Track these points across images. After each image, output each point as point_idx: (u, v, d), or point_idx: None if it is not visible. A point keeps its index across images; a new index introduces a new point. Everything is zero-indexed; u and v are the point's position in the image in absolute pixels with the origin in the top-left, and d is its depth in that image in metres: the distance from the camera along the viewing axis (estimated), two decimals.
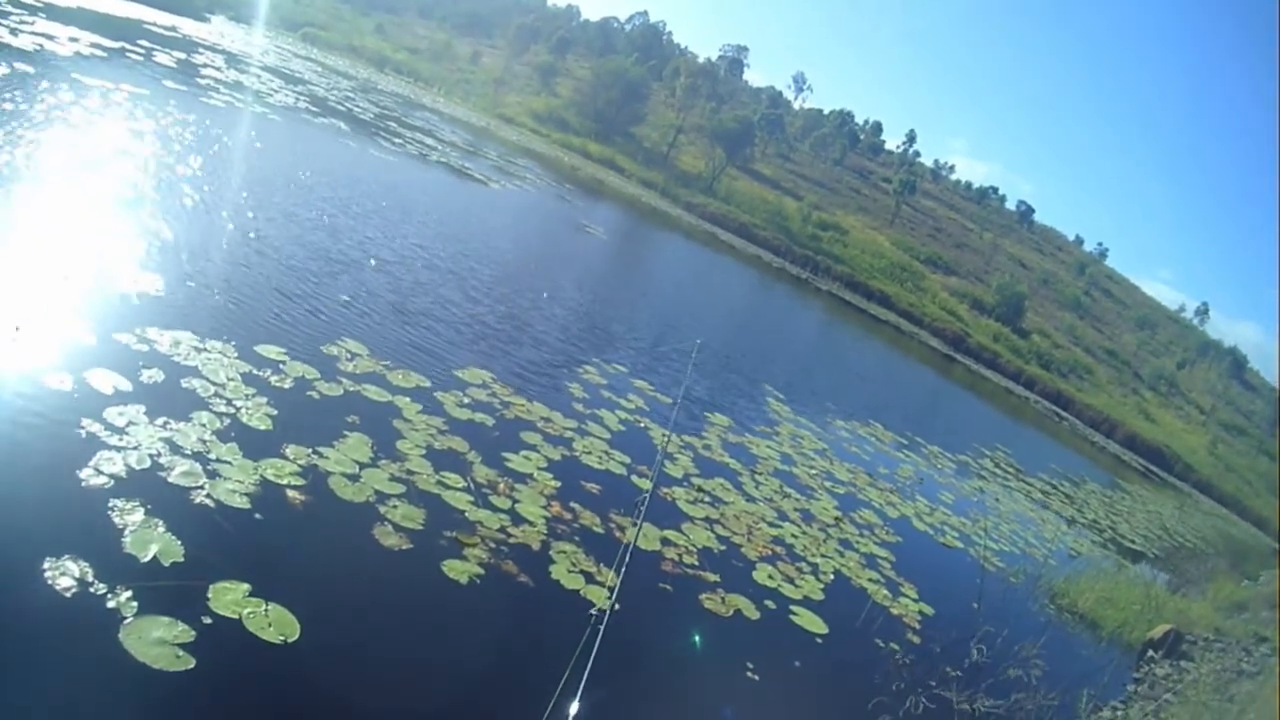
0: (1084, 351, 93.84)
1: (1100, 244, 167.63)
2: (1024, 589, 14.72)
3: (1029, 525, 20.32)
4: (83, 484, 5.95)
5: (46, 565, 5.10)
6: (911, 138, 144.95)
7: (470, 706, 5.97)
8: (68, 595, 4.98)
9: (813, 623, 9.53)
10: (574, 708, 5.89)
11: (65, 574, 5.10)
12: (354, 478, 7.77)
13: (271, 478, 7.14)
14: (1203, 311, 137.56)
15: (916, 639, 10.49)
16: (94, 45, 21.16)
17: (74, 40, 20.46)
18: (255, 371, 8.90)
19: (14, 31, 18.03)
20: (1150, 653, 13.81)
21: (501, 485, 9.05)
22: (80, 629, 4.88)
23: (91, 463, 6.17)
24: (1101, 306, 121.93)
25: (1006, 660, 9.97)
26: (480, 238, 22.53)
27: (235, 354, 9.05)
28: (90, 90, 16.89)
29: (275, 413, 8.21)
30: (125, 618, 5.01)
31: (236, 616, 5.48)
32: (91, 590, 5.09)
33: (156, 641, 4.96)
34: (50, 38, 19.46)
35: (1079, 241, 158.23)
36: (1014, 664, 9.93)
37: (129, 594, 5.17)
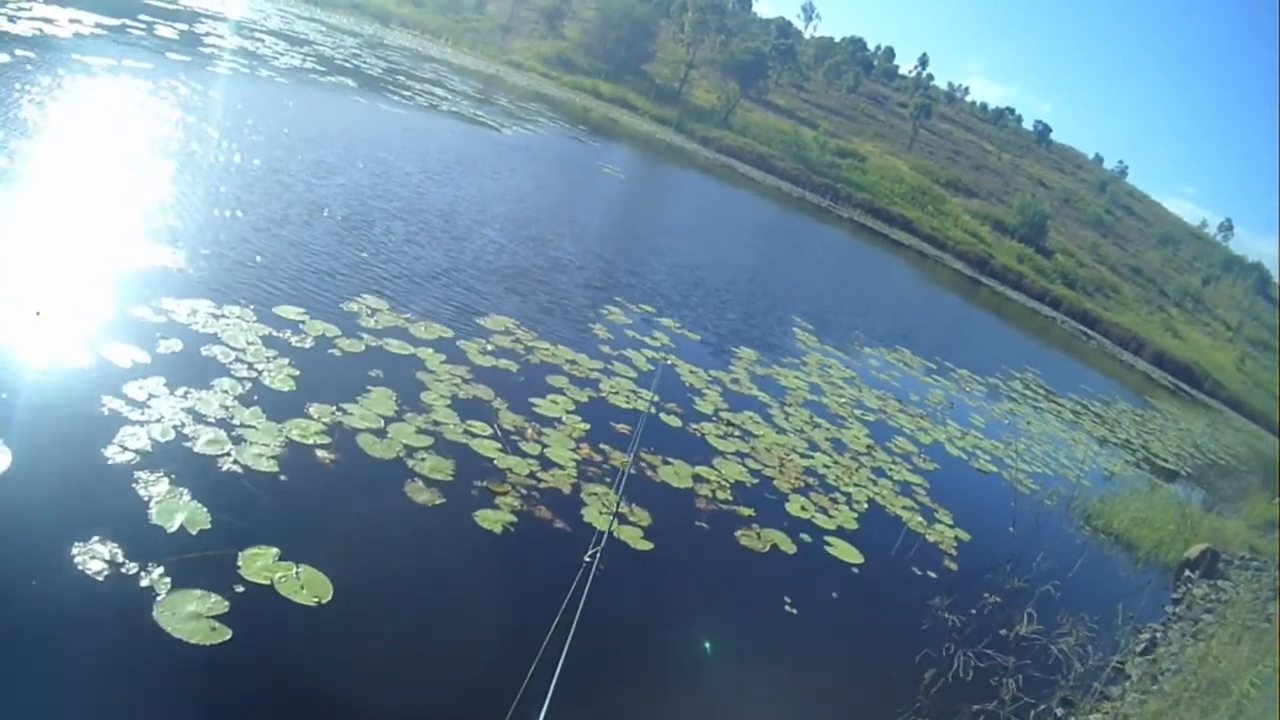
0: (1109, 270, 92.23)
1: (1120, 162, 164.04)
2: (1058, 511, 14.63)
3: (1061, 446, 20.20)
4: (108, 462, 5.90)
5: (76, 550, 5.07)
6: (924, 61, 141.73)
7: (511, 654, 5.88)
8: (100, 579, 4.94)
9: (848, 553, 9.51)
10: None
11: (95, 557, 5.07)
12: (380, 433, 7.75)
13: (297, 438, 7.11)
14: (1226, 228, 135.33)
15: (953, 565, 10.45)
16: (95, 25, 20.80)
17: (74, 21, 20.12)
18: (275, 333, 8.84)
19: (12, 19, 17.74)
20: (1187, 572, 13.78)
21: (529, 431, 9.02)
22: (114, 613, 4.84)
23: (115, 440, 6.13)
24: (1124, 225, 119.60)
25: (1043, 583, 9.90)
26: (494, 184, 22.27)
27: (254, 317, 8.98)
28: (93, 70, 16.67)
29: (298, 373, 8.17)
30: (158, 594, 5.00)
31: (268, 582, 5.47)
32: (123, 571, 5.06)
33: (191, 616, 4.95)
34: (50, 21, 19.13)
35: (1098, 160, 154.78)
36: (1052, 587, 9.86)
37: (160, 570, 5.15)
